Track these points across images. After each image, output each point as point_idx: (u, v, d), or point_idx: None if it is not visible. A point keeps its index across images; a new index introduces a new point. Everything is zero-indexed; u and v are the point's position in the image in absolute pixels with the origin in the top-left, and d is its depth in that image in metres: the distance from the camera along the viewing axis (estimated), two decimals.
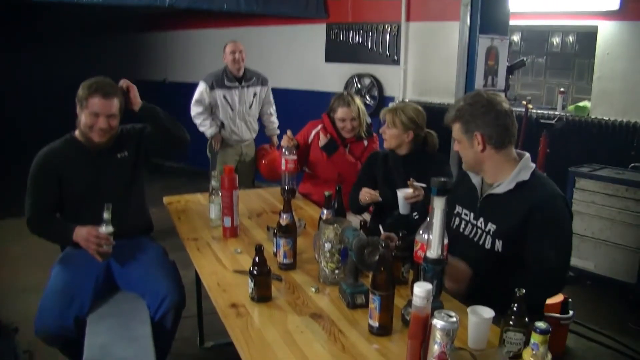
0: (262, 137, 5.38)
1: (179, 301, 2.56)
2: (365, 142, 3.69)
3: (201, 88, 4.90)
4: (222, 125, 5.01)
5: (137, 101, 2.82)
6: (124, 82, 2.79)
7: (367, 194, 3.09)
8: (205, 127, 4.95)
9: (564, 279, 2.14)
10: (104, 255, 2.55)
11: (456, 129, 2.21)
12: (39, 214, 2.70)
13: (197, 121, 4.94)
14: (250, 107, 5.05)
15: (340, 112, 3.57)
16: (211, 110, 4.97)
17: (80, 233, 2.54)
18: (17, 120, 8.63)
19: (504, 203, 2.15)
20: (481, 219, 2.22)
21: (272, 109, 5.27)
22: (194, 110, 4.93)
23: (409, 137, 3.03)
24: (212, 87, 4.88)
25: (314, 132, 3.72)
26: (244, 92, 4.98)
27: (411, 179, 2.92)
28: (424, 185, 2.86)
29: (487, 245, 2.17)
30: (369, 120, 3.76)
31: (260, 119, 5.30)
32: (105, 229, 2.52)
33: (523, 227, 2.08)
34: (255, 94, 5.05)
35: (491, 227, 2.18)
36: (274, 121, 5.29)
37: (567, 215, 2.15)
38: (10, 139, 7.84)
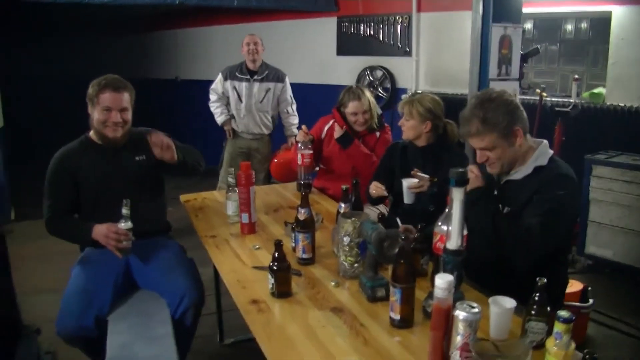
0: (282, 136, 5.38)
1: (198, 299, 2.57)
2: (378, 134, 3.67)
3: (217, 78, 5.12)
4: (232, 116, 5.16)
5: (174, 157, 2.77)
6: (159, 139, 2.72)
7: (374, 188, 3.08)
8: (217, 114, 5.17)
9: (536, 251, 2.06)
10: (123, 251, 2.56)
11: (490, 139, 2.15)
12: (58, 215, 2.72)
13: (212, 109, 5.18)
14: (261, 101, 5.07)
15: (351, 107, 3.55)
16: (227, 100, 5.14)
17: (100, 230, 2.56)
18: (26, 121, 8.61)
19: (521, 187, 2.17)
20: (499, 206, 2.22)
21: (290, 108, 5.23)
22: (210, 98, 5.17)
23: (427, 128, 3.00)
24: (225, 78, 5.08)
25: (326, 128, 3.71)
26: (253, 86, 5.02)
27: (415, 169, 2.93)
28: (426, 176, 2.87)
29: None
30: (379, 111, 3.74)
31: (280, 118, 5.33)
32: (124, 225, 2.53)
33: (529, 202, 2.11)
34: (268, 89, 5.07)
35: (507, 210, 2.18)
36: (292, 122, 5.24)
37: (569, 197, 2.13)
38: (22, 141, 7.84)
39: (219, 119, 5.16)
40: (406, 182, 2.92)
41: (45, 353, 2.88)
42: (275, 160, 5.29)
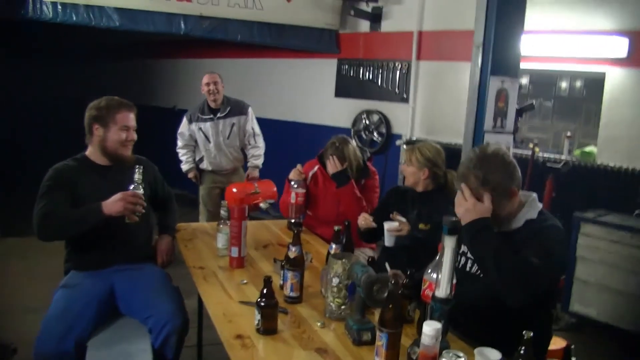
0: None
1: (182, 326, 2.54)
2: (363, 181, 3.59)
3: (183, 121, 5.04)
4: (202, 158, 5.07)
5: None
6: (165, 249, 3.04)
7: (362, 219, 3.10)
8: (182, 162, 5.11)
9: (534, 286, 1.99)
10: (139, 215, 2.60)
11: (487, 199, 2.12)
12: (54, 209, 2.56)
13: (179, 155, 5.10)
14: (228, 137, 5.00)
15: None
16: (195, 143, 5.07)
17: (113, 198, 2.53)
18: (17, 138, 8.63)
19: (511, 238, 2.16)
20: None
21: (254, 140, 5.10)
22: (178, 143, 5.10)
23: (425, 175, 3.04)
24: (190, 121, 4.99)
25: (311, 173, 3.69)
26: (218, 124, 4.94)
27: (394, 212, 2.96)
28: (404, 219, 2.93)
29: None
30: (365, 157, 3.71)
31: None
32: (136, 190, 2.57)
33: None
34: (233, 124, 4.99)
35: None
36: (254, 153, 5.11)
37: (559, 244, 2.14)
38: (11, 159, 7.82)
39: (184, 167, 5.10)
40: (387, 225, 2.96)
41: None
42: (234, 190, 4.79)
